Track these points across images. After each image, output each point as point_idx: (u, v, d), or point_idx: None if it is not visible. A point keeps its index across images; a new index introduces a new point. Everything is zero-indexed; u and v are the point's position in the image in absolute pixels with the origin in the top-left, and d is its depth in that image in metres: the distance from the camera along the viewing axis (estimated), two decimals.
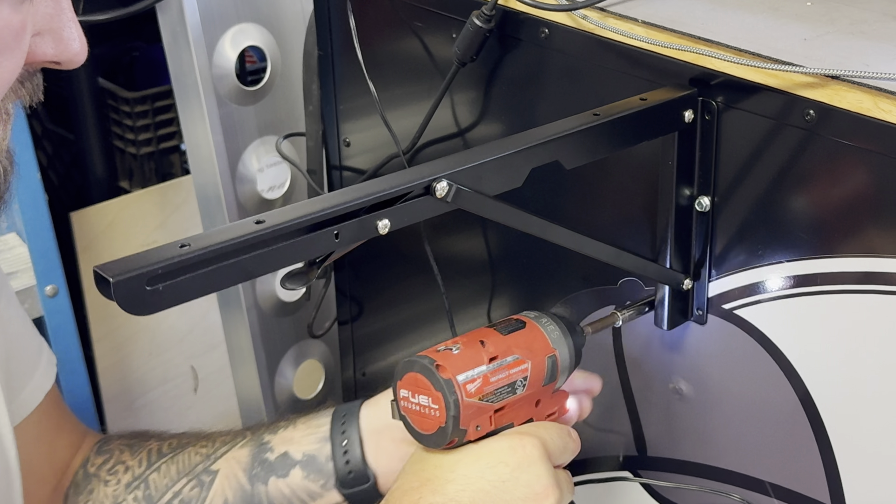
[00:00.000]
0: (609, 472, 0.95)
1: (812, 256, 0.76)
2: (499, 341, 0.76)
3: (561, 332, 0.79)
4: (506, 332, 0.77)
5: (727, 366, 0.84)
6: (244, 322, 1.33)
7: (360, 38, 1.00)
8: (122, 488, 0.97)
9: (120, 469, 0.98)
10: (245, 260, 0.61)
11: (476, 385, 0.74)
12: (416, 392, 0.74)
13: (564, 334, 0.79)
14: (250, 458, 0.95)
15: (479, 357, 0.75)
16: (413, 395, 0.75)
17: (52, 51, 0.62)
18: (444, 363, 0.74)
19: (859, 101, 0.70)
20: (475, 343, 0.76)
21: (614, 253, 0.81)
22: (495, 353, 0.76)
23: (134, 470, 0.97)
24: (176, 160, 1.56)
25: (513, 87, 0.92)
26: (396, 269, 1.11)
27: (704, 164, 0.80)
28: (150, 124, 1.51)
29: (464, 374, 0.74)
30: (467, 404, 0.73)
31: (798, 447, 0.80)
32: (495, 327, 0.78)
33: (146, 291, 0.58)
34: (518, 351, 0.76)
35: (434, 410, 0.74)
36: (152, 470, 0.96)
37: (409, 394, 0.75)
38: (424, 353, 0.75)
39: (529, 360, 0.77)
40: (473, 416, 0.74)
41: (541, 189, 0.89)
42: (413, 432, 0.76)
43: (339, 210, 0.65)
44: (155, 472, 0.96)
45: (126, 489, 0.96)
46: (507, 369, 0.75)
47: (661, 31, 0.80)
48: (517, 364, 0.76)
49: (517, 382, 0.76)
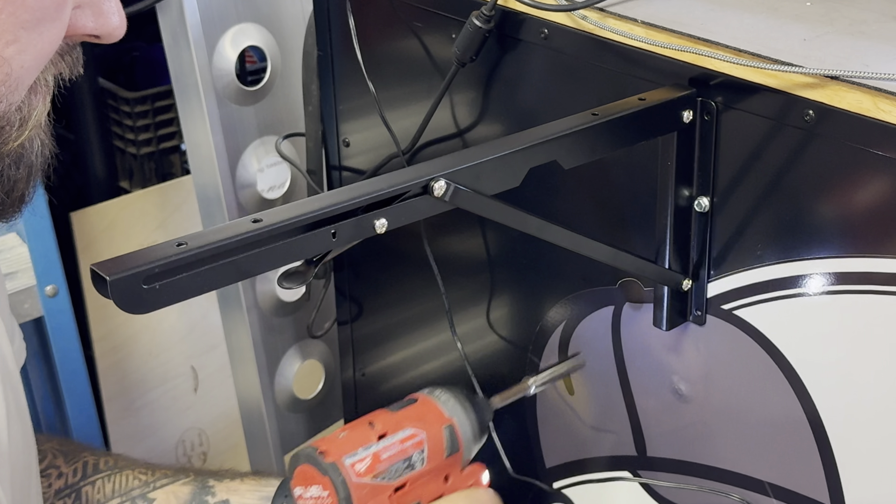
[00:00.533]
0: (608, 472, 0.95)
1: (811, 257, 0.76)
2: (387, 418, 0.75)
3: (458, 401, 0.77)
4: (396, 410, 0.76)
5: (726, 366, 0.84)
6: (244, 322, 1.33)
7: (359, 39, 1.00)
8: (52, 493, 0.95)
9: (53, 473, 0.96)
10: (242, 259, 0.61)
11: (365, 464, 0.72)
12: (307, 484, 0.73)
13: (462, 404, 0.77)
14: (190, 497, 0.95)
15: (367, 436, 0.73)
16: (306, 490, 0.73)
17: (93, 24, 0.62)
18: (328, 448, 0.72)
19: (859, 102, 0.70)
20: (363, 425, 0.74)
21: (613, 253, 0.81)
22: (384, 429, 0.74)
23: (68, 478, 0.96)
24: (176, 160, 1.56)
25: (512, 87, 0.92)
26: (396, 269, 1.11)
27: (703, 164, 0.80)
28: (151, 124, 1.51)
29: (349, 455, 0.72)
30: (357, 484, 0.71)
31: (797, 447, 0.80)
32: (386, 408, 0.76)
33: (143, 290, 0.58)
34: (409, 424, 0.74)
35: (325, 499, 0.72)
36: (87, 483, 0.95)
37: (302, 489, 0.73)
38: (310, 443, 0.73)
39: (424, 431, 0.75)
40: (369, 497, 0.71)
41: (539, 189, 0.89)
42: None
43: (337, 209, 0.65)
44: (89, 486, 0.95)
45: (56, 495, 0.95)
46: (399, 444, 0.73)
47: (661, 31, 0.80)
48: (411, 437, 0.74)
49: (413, 456, 0.74)
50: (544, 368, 0.83)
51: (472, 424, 0.77)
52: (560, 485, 0.99)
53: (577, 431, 0.96)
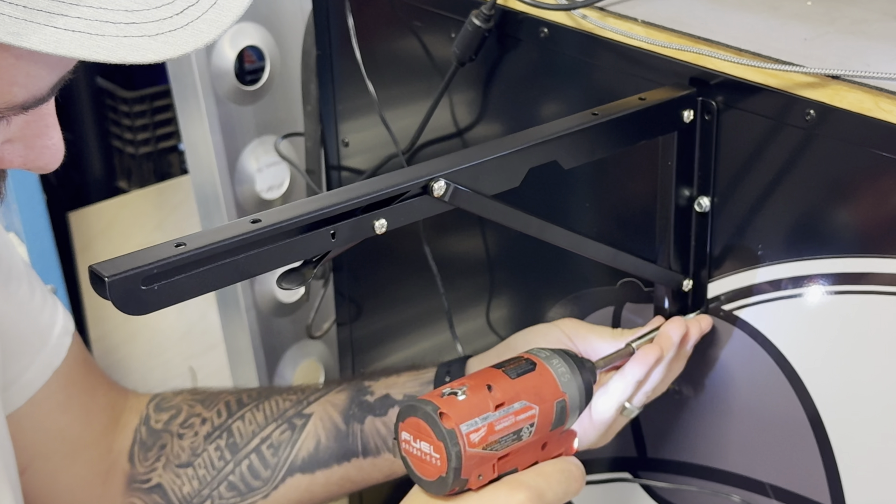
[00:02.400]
0: (608, 473, 0.95)
1: (811, 257, 0.76)
2: (507, 386, 0.73)
3: (571, 373, 0.75)
4: (514, 376, 0.74)
5: (727, 367, 0.83)
6: (243, 323, 1.33)
7: (358, 38, 1.00)
8: (201, 440, 0.94)
9: (196, 421, 0.95)
10: (241, 259, 0.61)
11: (480, 434, 0.70)
12: (417, 437, 0.71)
13: (574, 374, 0.75)
14: (348, 401, 0.93)
15: (485, 404, 0.72)
16: (415, 440, 0.72)
17: (21, 160, 0.58)
18: (448, 411, 0.70)
19: (860, 101, 0.70)
20: (482, 388, 0.72)
21: (613, 254, 0.81)
22: (502, 399, 0.72)
23: (213, 420, 0.94)
24: (174, 160, 1.56)
25: (512, 86, 0.91)
26: (395, 269, 1.10)
27: (704, 164, 0.79)
28: (149, 124, 1.51)
29: (467, 423, 0.70)
30: (470, 455, 0.70)
31: (798, 448, 0.80)
32: (504, 369, 0.74)
33: (142, 291, 0.58)
34: (526, 396, 0.73)
35: (435, 459, 0.70)
36: (235, 419, 0.93)
37: (410, 437, 0.72)
38: (428, 398, 0.72)
39: (537, 406, 0.73)
40: (476, 466, 0.71)
41: (539, 189, 0.89)
42: (413, 475, 0.73)
43: (336, 209, 0.64)
44: (239, 421, 0.93)
45: (206, 440, 0.94)
46: (513, 416, 0.72)
47: (661, 30, 0.79)
48: (524, 410, 0.73)
49: (523, 429, 0.73)
50: (645, 333, 0.82)
51: (580, 397, 0.76)
52: None
53: None
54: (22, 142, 0.57)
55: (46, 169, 0.59)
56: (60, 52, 0.47)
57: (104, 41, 0.48)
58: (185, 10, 0.50)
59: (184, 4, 0.50)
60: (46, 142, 0.58)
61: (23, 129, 0.57)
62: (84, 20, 0.48)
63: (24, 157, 0.57)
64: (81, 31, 0.47)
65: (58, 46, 0.47)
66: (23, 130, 0.57)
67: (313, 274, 0.66)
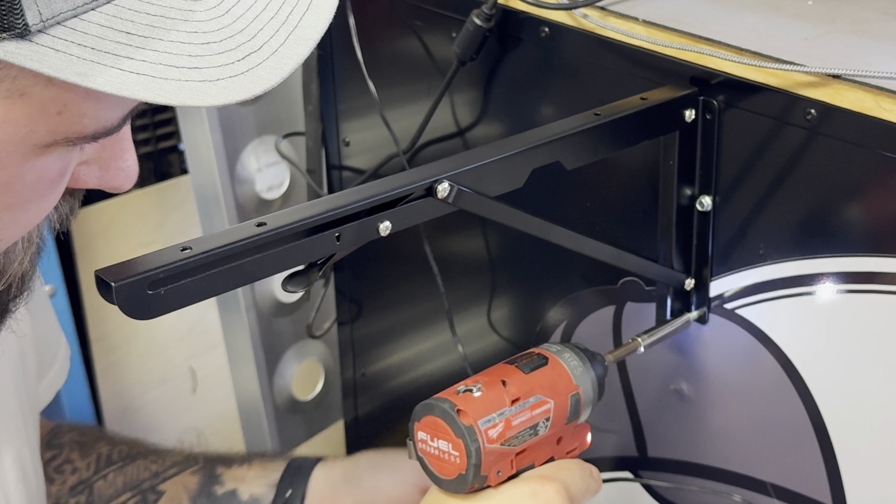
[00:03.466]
0: (609, 473, 0.95)
1: (813, 256, 0.76)
2: (521, 381, 0.73)
3: (584, 366, 0.76)
4: (528, 371, 0.74)
5: (729, 366, 0.84)
6: (243, 322, 1.33)
7: (359, 38, 1.00)
8: (66, 490, 0.95)
9: (67, 469, 0.96)
10: (247, 263, 0.61)
11: (498, 430, 0.71)
12: (434, 436, 0.71)
13: (587, 368, 0.76)
14: (198, 487, 0.95)
15: (501, 399, 0.72)
16: (432, 439, 0.72)
17: (96, 181, 0.60)
18: (465, 407, 0.71)
19: (861, 101, 0.70)
20: (497, 383, 0.73)
21: (615, 253, 0.81)
22: (517, 394, 0.72)
23: (81, 473, 0.95)
24: (174, 160, 1.55)
25: (513, 86, 0.91)
26: (396, 269, 1.10)
27: (705, 163, 0.80)
28: (149, 124, 1.51)
29: (485, 419, 0.71)
30: (489, 451, 0.70)
31: (800, 447, 0.80)
32: (516, 364, 0.75)
33: (148, 295, 0.58)
34: (541, 391, 0.73)
35: (454, 457, 0.71)
36: (100, 476, 0.95)
37: (427, 437, 0.72)
38: (444, 396, 0.72)
39: (552, 400, 0.74)
40: (495, 462, 0.71)
41: (542, 189, 0.89)
42: (431, 476, 0.73)
43: (341, 212, 0.64)
44: (101, 480, 0.95)
45: (70, 492, 0.95)
46: (529, 410, 0.73)
47: (662, 30, 0.80)
48: (540, 405, 0.73)
49: (539, 424, 0.73)
50: (653, 328, 0.82)
51: (593, 389, 0.76)
52: None
53: None
54: (98, 164, 0.59)
55: (120, 189, 0.60)
56: (124, 93, 0.48)
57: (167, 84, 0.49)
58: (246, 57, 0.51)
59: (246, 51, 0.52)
60: (121, 164, 0.59)
61: (99, 153, 0.58)
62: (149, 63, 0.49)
63: (100, 179, 0.59)
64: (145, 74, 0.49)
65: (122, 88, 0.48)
66: (99, 154, 0.58)
67: (318, 277, 0.66)
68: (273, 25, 0.53)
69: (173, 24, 0.50)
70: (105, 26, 0.48)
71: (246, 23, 0.52)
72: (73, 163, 0.57)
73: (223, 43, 0.51)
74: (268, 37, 0.52)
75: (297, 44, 0.53)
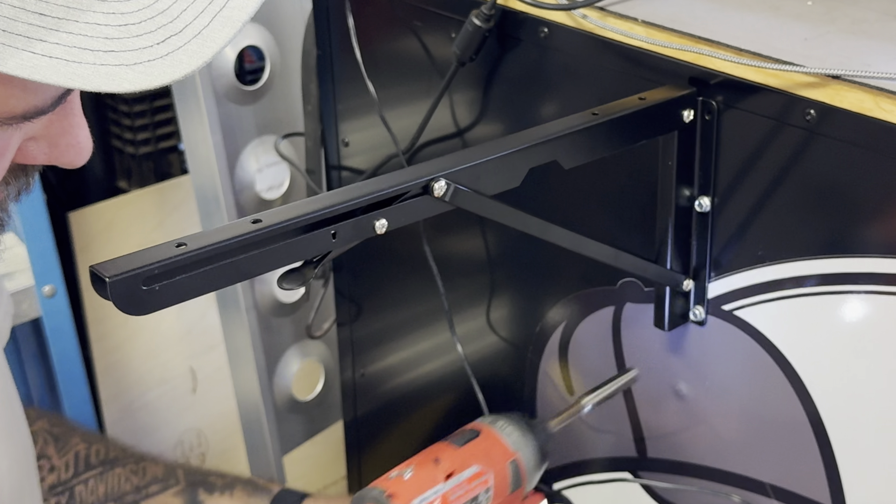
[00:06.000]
0: (608, 473, 0.95)
1: (812, 257, 0.76)
2: (454, 455, 0.73)
3: (520, 432, 0.75)
4: (461, 444, 0.74)
5: (727, 367, 0.83)
6: (243, 323, 1.33)
7: (358, 38, 1.00)
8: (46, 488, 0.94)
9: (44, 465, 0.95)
10: (242, 260, 0.61)
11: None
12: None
13: (525, 434, 0.75)
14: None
15: (434, 477, 0.72)
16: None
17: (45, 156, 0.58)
18: (396, 491, 0.70)
19: (860, 101, 0.70)
20: (429, 462, 0.72)
21: (613, 253, 0.81)
22: (451, 468, 0.72)
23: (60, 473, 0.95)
24: (174, 160, 1.55)
25: (512, 86, 0.91)
26: (395, 269, 1.10)
27: (704, 164, 0.79)
28: (149, 124, 1.51)
29: (419, 499, 0.70)
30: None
31: (798, 448, 0.80)
32: (450, 440, 0.74)
33: (142, 291, 0.58)
34: (475, 461, 0.73)
35: None
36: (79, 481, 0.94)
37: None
38: (375, 484, 0.72)
39: (491, 470, 0.73)
40: None
41: (541, 189, 0.89)
42: None
43: (337, 210, 0.64)
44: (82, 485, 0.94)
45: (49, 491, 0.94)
46: (466, 483, 0.72)
47: (661, 30, 0.79)
48: (477, 476, 0.73)
49: (480, 496, 0.73)
50: (598, 386, 0.82)
51: (534, 455, 0.76)
52: (560, 486, 0.99)
53: (577, 432, 0.96)
54: (46, 140, 0.57)
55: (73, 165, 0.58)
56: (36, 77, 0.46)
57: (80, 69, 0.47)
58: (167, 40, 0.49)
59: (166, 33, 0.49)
60: (70, 140, 0.57)
61: (47, 128, 0.56)
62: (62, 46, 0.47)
63: (49, 155, 0.57)
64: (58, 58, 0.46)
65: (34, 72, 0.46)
66: (47, 129, 0.56)
67: (314, 274, 0.66)
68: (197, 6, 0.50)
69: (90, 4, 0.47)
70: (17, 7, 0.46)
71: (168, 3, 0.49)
72: (13, 139, 0.55)
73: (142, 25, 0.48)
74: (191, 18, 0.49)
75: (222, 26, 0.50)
